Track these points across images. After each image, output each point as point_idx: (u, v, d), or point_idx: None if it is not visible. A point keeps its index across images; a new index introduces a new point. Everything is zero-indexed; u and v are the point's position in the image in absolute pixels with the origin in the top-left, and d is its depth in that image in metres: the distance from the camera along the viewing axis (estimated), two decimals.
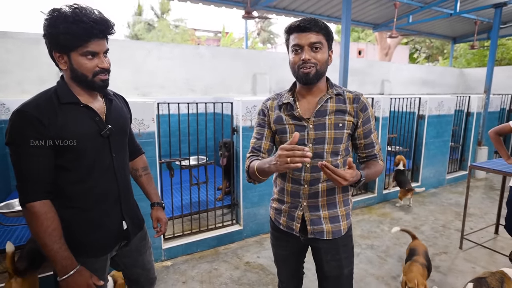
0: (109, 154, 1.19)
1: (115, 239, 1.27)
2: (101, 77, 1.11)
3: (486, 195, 4.52)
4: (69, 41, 1.02)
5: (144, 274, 1.46)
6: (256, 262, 2.74)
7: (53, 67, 3.94)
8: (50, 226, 1.04)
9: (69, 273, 1.06)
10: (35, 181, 1.04)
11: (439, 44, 16.85)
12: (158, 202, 1.51)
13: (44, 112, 1.03)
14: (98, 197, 1.18)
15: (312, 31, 1.17)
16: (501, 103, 5.90)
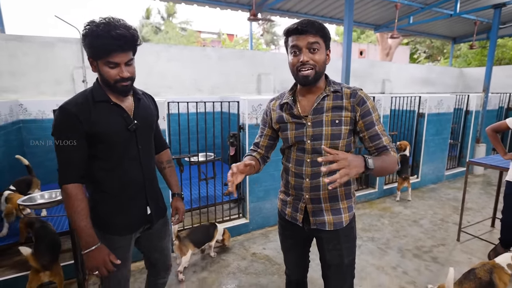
0: (136, 146, 1.34)
1: (139, 222, 1.42)
2: (122, 84, 1.25)
3: (484, 190, 4.65)
4: (93, 52, 1.19)
5: (161, 260, 1.60)
6: (262, 253, 2.88)
7: (67, 69, 4.14)
8: (79, 206, 1.21)
9: (90, 248, 1.22)
10: (70, 167, 1.23)
11: (439, 44, 16.93)
12: (178, 193, 1.64)
13: (80, 109, 1.21)
14: (125, 184, 1.34)
15: (309, 33, 1.21)
16: (500, 102, 6.02)
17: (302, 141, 1.33)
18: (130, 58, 1.24)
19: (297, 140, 1.35)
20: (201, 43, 20.50)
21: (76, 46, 4.11)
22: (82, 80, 4.12)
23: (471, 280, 1.90)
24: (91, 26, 1.16)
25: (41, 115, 3.82)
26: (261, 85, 5.64)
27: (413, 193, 4.54)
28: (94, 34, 1.14)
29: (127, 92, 1.31)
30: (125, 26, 1.19)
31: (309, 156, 1.33)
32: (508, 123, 2.55)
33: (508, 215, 2.52)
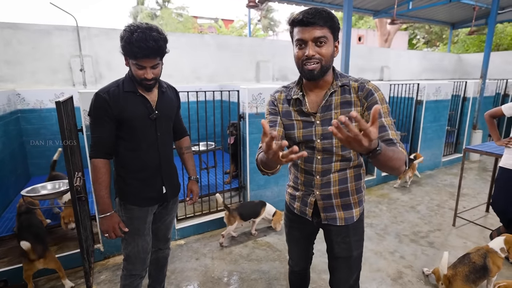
0: (155, 133, 1.54)
1: (156, 198, 1.62)
2: (145, 83, 1.44)
3: (479, 176, 4.74)
4: (125, 54, 1.39)
5: (163, 230, 1.79)
6: (264, 240, 2.95)
7: (64, 57, 4.09)
8: (101, 178, 1.45)
9: (105, 214, 1.48)
10: (100, 144, 1.45)
11: (438, 29, 16.77)
12: (194, 177, 1.86)
13: (111, 96, 1.43)
14: (143, 164, 1.55)
15: (316, 25, 1.11)
16: (497, 88, 6.05)
17: (311, 140, 1.27)
18: (157, 62, 1.41)
19: (306, 139, 1.28)
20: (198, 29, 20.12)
21: (72, 34, 4.04)
22: (80, 69, 4.06)
23: (465, 264, 1.97)
24: (128, 31, 1.33)
25: (39, 104, 3.79)
26: (260, 73, 5.61)
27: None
28: (127, 40, 1.32)
29: (151, 89, 1.50)
30: (155, 39, 1.33)
31: (319, 154, 1.28)
32: (503, 109, 2.61)
33: (495, 197, 2.64)
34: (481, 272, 1.95)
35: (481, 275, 1.95)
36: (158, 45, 1.35)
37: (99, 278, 2.36)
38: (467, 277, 1.92)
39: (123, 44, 1.34)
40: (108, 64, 4.36)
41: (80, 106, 2.27)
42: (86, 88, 4.14)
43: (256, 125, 3.13)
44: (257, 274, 2.44)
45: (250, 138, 3.12)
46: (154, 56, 1.37)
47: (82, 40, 4.08)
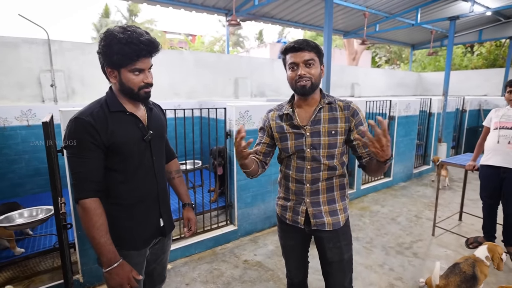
0: (150, 157, 1.33)
1: (154, 234, 1.40)
2: (145, 90, 1.25)
3: (448, 186, 5.06)
4: (121, 59, 1.16)
5: (158, 270, 1.56)
6: (254, 260, 2.88)
7: (33, 72, 3.82)
8: (98, 221, 1.16)
9: (112, 265, 1.17)
10: (88, 181, 1.17)
11: (397, 49, 18.14)
12: (189, 203, 1.63)
13: (97, 119, 1.18)
14: (140, 196, 1.32)
15: (305, 50, 1.34)
16: (456, 104, 6.59)
17: (302, 150, 1.44)
18: (151, 64, 1.26)
19: (297, 149, 1.45)
20: (168, 45, 19.92)
21: (43, 48, 3.80)
22: (50, 85, 3.81)
23: (456, 274, 2.06)
24: (116, 33, 1.14)
25: (3, 122, 3.48)
26: (239, 89, 5.63)
27: (387, 191, 4.82)
28: (123, 41, 1.13)
29: (148, 98, 1.31)
30: (147, 33, 1.21)
31: (309, 163, 1.44)
32: (485, 124, 2.91)
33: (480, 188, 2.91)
34: (471, 282, 2.03)
35: (471, 284, 2.04)
36: (154, 38, 1.21)
37: None
38: (459, 286, 2.00)
39: (119, 47, 1.13)
40: (82, 79, 4.14)
41: (61, 125, 2.10)
42: (57, 104, 3.88)
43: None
44: None
45: None
46: (153, 52, 1.23)
47: (53, 54, 3.84)
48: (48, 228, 2.86)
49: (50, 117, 1.84)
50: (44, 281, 2.25)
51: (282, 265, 2.79)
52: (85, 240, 2.27)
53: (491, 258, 2.17)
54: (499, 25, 8.39)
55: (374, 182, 4.84)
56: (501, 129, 2.65)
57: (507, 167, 2.58)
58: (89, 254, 2.31)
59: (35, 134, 3.66)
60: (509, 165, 2.56)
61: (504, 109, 2.72)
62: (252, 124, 3.14)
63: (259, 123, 3.31)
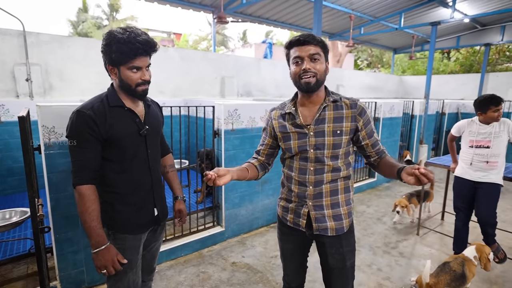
0: (145, 150, 1.41)
1: (149, 222, 1.48)
2: (142, 87, 1.33)
3: (428, 185, 5.18)
4: (119, 57, 1.25)
5: (148, 259, 1.62)
6: (242, 262, 2.81)
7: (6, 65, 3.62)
8: (90, 206, 1.26)
9: (100, 247, 1.27)
10: (85, 169, 1.28)
11: (378, 53, 18.62)
12: (181, 196, 1.72)
13: (97, 112, 1.27)
14: (135, 186, 1.40)
15: (311, 44, 1.28)
16: (437, 107, 6.81)
17: (305, 150, 1.37)
18: (149, 62, 1.34)
19: (300, 150, 1.38)
20: None
21: (17, 40, 3.57)
22: (25, 79, 3.58)
23: (447, 273, 2.08)
24: (116, 33, 1.24)
25: None
26: (225, 88, 5.55)
27: (371, 192, 4.88)
28: (122, 40, 1.23)
29: (145, 95, 1.39)
30: (145, 33, 1.30)
31: (312, 165, 1.37)
32: (452, 132, 2.88)
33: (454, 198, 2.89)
34: (460, 280, 2.07)
35: (461, 283, 2.07)
36: (152, 39, 1.30)
37: None
38: (449, 285, 2.02)
39: (118, 46, 1.23)
40: (60, 74, 3.93)
41: (39, 121, 1.96)
42: (33, 100, 3.66)
43: (231, 142, 3.04)
44: None
45: (225, 155, 3.01)
46: (150, 51, 1.31)
47: (29, 47, 3.62)
48: (22, 231, 2.68)
49: (26, 112, 1.70)
50: (29, 285, 2.09)
51: (271, 267, 2.74)
52: (64, 244, 2.13)
53: (479, 258, 2.21)
54: (475, 32, 8.77)
55: (359, 183, 4.89)
56: (477, 148, 2.58)
57: (483, 182, 2.59)
58: (68, 259, 2.16)
59: (8, 131, 3.43)
60: (483, 180, 2.58)
61: (477, 125, 2.62)
62: (241, 123, 3.08)
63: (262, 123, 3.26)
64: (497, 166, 2.54)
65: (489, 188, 2.56)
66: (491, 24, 8.43)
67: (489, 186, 2.56)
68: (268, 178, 3.37)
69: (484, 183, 2.58)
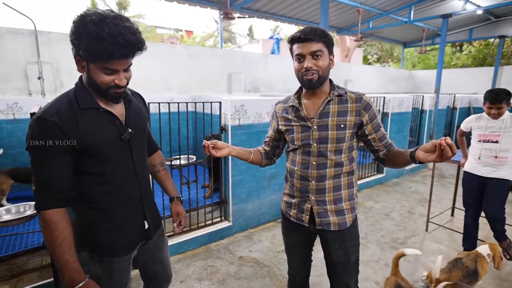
0: (130, 156, 1.20)
1: (138, 238, 1.28)
2: (115, 91, 1.08)
3: (439, 182, 5.12)
4: (88, 55, 0.99)
5: (161, 271, 1.47)
6: (249, 256, 2.84)
7: (19, 64, 3.67)
8: (60, 236, 1.02)
9: (76, 285, 1.03)
10: (50, 190, 1.03)
11: (388, 47, 18.32)
12: (177, 196, 1.52)
13: (64, 119, 1.02)
14: (121, 199, 1.19)
15: (312, 41, 1.25)
16: (448, 102, 6.68)
17: (308, 144, 1.38)
18: (130, 63, 1.08)
19: (304, 143, 1.39)
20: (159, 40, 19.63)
21: (30, 39, 3.65)
22: (37, 77, 3.67)
23: (459, 269, 2.05)
24: (87, 23, 0.95)
25: None
26: (232, 85, 5.56)
27: (380, 187, 4.84)
28: (94, 34, 0.94)
29: (119, 99, 1.14)
30: (133, 31, 1.01)
31: (315, 159, 1.38)
32: (461, 127, 2.84)
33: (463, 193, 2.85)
34: (472, 277, 2.03)
35: (473, 279, 2.04)
36: (138, 38, 1.01)
37: None
38: (461, 281, 1.99)
39: (88, 42, 0.95)
40: (70, 72, 4.01)
41: None
42: (45, 97, 3.75)
43: (238, 137, 3.05)
44: None
45: None
46: (132, 54, 1.03)
47: (41, 46, 3.70)
48: (36, 225, 2.76)
49: (38, 108, 1.75)
50: (33, 280, 2.17)
51: (278, 261, 2.77)
52: None
53: (492, 257, 2.17)
54: (489, 24, 8.54)
55: (367, 178, 4.86)
56: (485, 143, 2.55)
57: (491, 177, 2.56)
58: None
59: (21, 128, 3.52)
60: (492, 175, 2.54)
61: (485, 120, 2.58)
62: (248, 118, 3.09)
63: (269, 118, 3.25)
64: (507, 161, 2.49)
65: (498, 183, 2.52)
66: (506, 16, 8.18)
67: (498, 181, 2.52)
68: (275, 173, 3.38)
69: (493, 179, 2.54)
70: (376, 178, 4.97)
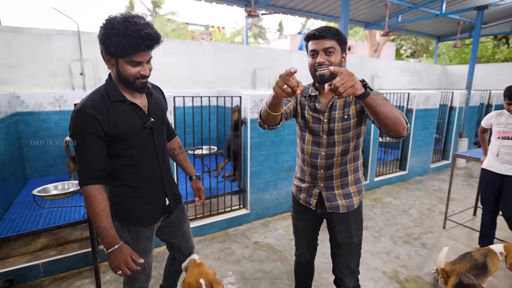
0: (152, 142, 1.39)
1: (160, 212, 1.50)
2: (141, 81, 1.27)
3: (466, 182, 4.96)
4: (118, 51, 1.17)
5: (184, 242, 1.69)
6: (264, 242, 3.03)
7: (64, 61, 4.11)
8: (98, 207, 1.22)
9: (112, 248, 1.23)
10: (90, 169, 1.24)
11: (424, 41, 17.43)
12: (196, 175, 1.73)
13: (99, 110, 1.22)
14: (145, 178, 1.40)
15: (326, 38, 1.34)
16: (481, 99, 6.36)
17: (318, 136, 1.48)
18: (151, 56, 1.27)
19: (315, 134, 1.49)
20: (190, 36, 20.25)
21: (73, 39, 4.07)
22: (80, 73, 4.09)
23: (467, 261, 2.08)
24: (115, 24, 1.14)
25: (38, 107, 3.79)
26: (256, 80, 5.74)
27: (401, 184, 4.80)
28: (122, 33, 1.13)
29: (144, 89, 1.32)
30: (150, 26, 1.19)
31: (323, 150, 1.48)
32: (482, 124, 2.82)
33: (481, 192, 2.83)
34: (481, 270, 2.04)
35: (481, 272, 2.04)
36: (156, 32, 1.20)
37: (104, 278, 2.39)
38: (467, 272, 2.02)
39: (117, 39, 1.13)
40: (107, 68, 4.40)
41: None
42: (86, 91, 4.16)
43: (256, 130, 3.23)
44: (260, 273, 2.52)
45: (251, 143, 3.21)
46: (153, 46, 1.22)
47: (83, 45, 4.11)
48: (77, 201, 3.17)
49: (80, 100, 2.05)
50: (75, 249, 2.51)
51: (291, 248, 2.92)
52: None
53: (505, 256, 2.16)
54: None
55: (389, 175, 4.83)
56: (504, 139, 2.52)
57: (509, 175, 2.52)
58: None
59: (66, 119, 3.96)
60: (510, 173, 2.50)
61: (506, 116, 2.56)
62: None
63: None
64: None
65: None
66: None
67: None
68: (292, 166, 3.52)
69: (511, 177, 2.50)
70: (398, 175, 4.93)
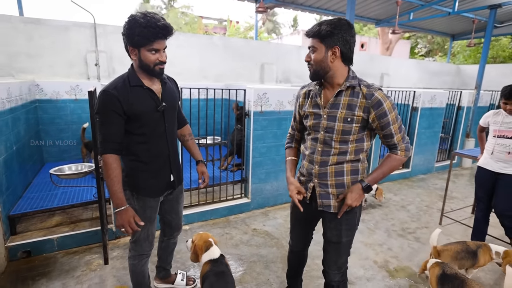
0: (163, 124, 1.61)
1: (165, 186, 1.72)
2: (159, 67, 1.49)
3: (470, 182, 4.96)
4: (140, 40, 1.40)
5: (176, 220, 1.93)
6: (262, 229, 3.18)
7: (81, 52, 4.33)
8: (112, 173, 1.46)
9: (119, 208, 1.47)
10: (110, 141, 1.46)
11: (440, 40, 17.07)
12: (201, 160, 1.93)
13: (120, 92, 1.45)
14: (154, 155, 1.62)
15: (310, 37, 1.41)
16: (491, 99, 6.28)
17: (317, 131, 1.49)
18: (166, 45, 1.49)
19: (314, 129, 1.51)
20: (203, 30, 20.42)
21: (90, 31, 4.28)
22: (94, 64, 4.30)
23: (459, 244, 2.19)
24: (139, 19, 1.38)
25: (55, 95, 4.02)
26: (264, 75, 5.85)
27: (403, 182, 4.86)
28: (143, 25, 1.36)
29: (162, 74, 1.54)
30: (163, 19, 1.44)
31: (320, 146, 1.49)
32: (480, 123, 2.86)
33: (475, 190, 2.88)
34: (470, 255, 2.13)
35: (469, 258, 2.13)
36: (169, 24, 1.43)
37: (112, 254, 2.58)
38: (457, 253, 2.11)
39: (139, 30, 1.36)
40: (121, 60, 4.60)
41: None
42: (100, 81, 4.37)
43: (260, 123, 3.36)
44: (256, 257, 2.67)
45: (254, 134, 3.35)
46: (168, 35, 1.44)
47: (98, 37, 4.31)
48: (89, 181, 3.39)
49: (94, 88, 2.22)
50: (86, 227, 2.72)
51: (288, 236, 3.05)
52: None
53: (502, 259, 2.18)
54: None
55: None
56: (499, 138, 2.55)
57: (504, 173, 2.56)
58: None
59: (81, 107, 4.19)
60: (505, 171, 2.55)
61: (502, 115, 2.59)
62: (269, 106, 3.38)
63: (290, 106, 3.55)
64: None
65: (509, 180, 2.53)
66: None
67: (509, 178, 2.53)
68: None
69: (505, 175, 2.55)
70: (400, 172, 4.98)
